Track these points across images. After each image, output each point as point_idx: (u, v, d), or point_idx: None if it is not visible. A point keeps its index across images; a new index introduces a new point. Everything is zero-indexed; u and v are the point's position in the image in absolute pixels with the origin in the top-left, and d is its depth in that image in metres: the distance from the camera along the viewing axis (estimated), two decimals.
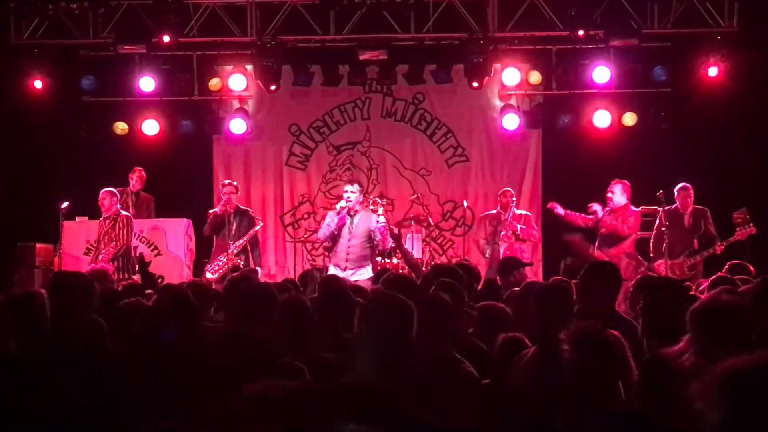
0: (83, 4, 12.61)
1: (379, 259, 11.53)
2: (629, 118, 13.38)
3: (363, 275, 10.19)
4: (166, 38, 12.68)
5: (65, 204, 11.79)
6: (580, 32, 12.56)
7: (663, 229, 11.15)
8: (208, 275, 11.27)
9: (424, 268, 12.12)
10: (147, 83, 13.26)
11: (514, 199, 12.24)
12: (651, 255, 11.45)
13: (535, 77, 13.53)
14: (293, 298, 5.23)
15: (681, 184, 11.46)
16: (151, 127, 13.53)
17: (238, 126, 13.60)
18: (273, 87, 13.48)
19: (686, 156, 13.17)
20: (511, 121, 13.48)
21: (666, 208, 11.31)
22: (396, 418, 3.08)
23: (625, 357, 3.90)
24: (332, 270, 10.69)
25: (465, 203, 12.92)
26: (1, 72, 13.25)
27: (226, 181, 12.06)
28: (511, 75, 13.32)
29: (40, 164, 13.54)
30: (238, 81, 13.50)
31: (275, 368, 4.10)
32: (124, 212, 11.42)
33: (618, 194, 11.50)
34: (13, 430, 3.69)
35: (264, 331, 4.54)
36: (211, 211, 11.83)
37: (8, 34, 13.06)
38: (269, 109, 14.22)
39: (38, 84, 13.24)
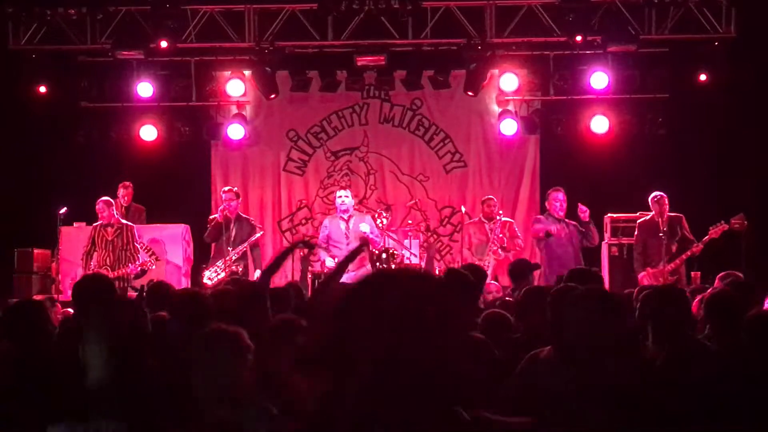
0: (81, 10, 12.64)
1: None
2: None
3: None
4: (164, 44, 12.71)
5: (63, 209, 11.81)
6: (578, 38, 12.59)
7: (640, 241, 11.50)
8: (206, 281, 11.27)
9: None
10: (145, 89, 13.25)
11: (501, 212, 12.26)
12: (634, 267, 11.53)
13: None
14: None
15: (654, 194, 11.50)
16: (149, 132, 13.51)
17: (236, 132, 13.60)
18: (272, 96, 13.54)
19: (683, 162, 13.18)
20: (509, 127, 13.48)
21: (641, 220, 11.58)
22: None
23: None
24: None
25: (463, 209, 12.91)
26: None
27: (226, 188, 12.06)
28: (508, 81, 13.32)
29: (37, 169, 13.54)
30: (236, 87, 13.49)
31: None
32: (125, 221, 11.39)
33: (564, 201, 11.58)
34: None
35: None
36: (211, 217, 11.82)
37: (6, 39, 13.06)
38: (267, 115, 14.23)
39: (42, 89, 13.27)
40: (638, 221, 11.65)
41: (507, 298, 8.03)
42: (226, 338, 3.80)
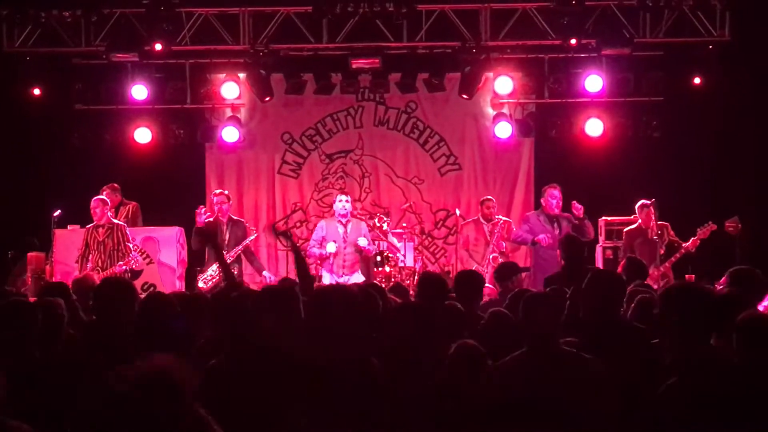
0: (76, 12, 12.61)
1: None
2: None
3: (356, 280, 10.89)
4: (159, 46, 12.69)
5: (57, 212, 11.77)
6: (573, 41, 12.62)
7: (627, 249, 11.47)
8: (201, 285, 11.24)
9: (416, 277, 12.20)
10: (139, 91, 13.23)
11: (500, 217, 12.20)
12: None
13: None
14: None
15: (641, 202, 11.50)
16: (143, 135, 13.50)
17: (230, 134, 13.58)
18: (267, 98, 13.52)
19: (678, 165, 13.20)
20: (504, 130, 13.48)
21: (627, 229, 11.64)
22: None
23: None
24: (327, 276, 11.19)
25: (458, 211, 12.91)
26: None
27: (218, 191, 12.01)
28: (503, 84, 13.32)
29: (32, 172, 13.53)
30: (230, 89, 13.47)
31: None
32: (116, 221, 11.37)
33: (561, 199, 11.52)
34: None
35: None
36: (200, 222, 11.73)
37: (0, 41, 13.04)
38: (262, 118, 14.22)
39: (37, 92, 13.24)
40: (625, 230, 11.69)
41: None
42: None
